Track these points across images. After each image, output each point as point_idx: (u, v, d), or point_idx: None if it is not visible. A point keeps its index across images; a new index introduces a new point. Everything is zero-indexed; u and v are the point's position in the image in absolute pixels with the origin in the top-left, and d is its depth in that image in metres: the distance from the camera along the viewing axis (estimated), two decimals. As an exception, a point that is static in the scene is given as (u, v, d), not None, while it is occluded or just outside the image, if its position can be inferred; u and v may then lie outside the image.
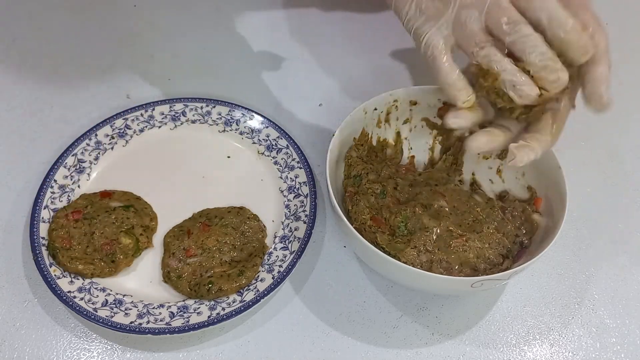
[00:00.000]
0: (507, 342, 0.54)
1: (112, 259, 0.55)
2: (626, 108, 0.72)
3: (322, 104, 0.70)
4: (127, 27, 0.77)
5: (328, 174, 0.54)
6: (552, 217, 0.54)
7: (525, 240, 0.55)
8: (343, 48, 0.76)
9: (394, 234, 0.54)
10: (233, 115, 0.66)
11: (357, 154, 0.60)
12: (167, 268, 0.55)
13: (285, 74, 0.73)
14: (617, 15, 0.82)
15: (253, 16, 0.79)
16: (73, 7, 0.78)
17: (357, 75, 0.73)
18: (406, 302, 0.56)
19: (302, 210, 0.59)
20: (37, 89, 0.70)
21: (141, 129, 0.65)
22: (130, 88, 0.70)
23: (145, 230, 0.58)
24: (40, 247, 0.55)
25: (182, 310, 0.53)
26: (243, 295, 0.54)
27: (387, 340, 0.54)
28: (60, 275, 0.54)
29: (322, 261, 0.58)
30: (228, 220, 0.58)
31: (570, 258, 0.60)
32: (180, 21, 0.78)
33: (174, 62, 0.74)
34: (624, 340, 0.55)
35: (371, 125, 0.61)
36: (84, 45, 0.75)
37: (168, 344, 0.53)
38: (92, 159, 0.62)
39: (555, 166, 0.55)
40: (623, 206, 0.63)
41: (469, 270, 0.52)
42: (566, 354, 0.54)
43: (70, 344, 0.53)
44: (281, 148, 0.64)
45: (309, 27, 0.78)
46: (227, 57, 0.74)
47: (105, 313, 0.52)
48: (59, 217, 0.57)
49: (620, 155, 0.68)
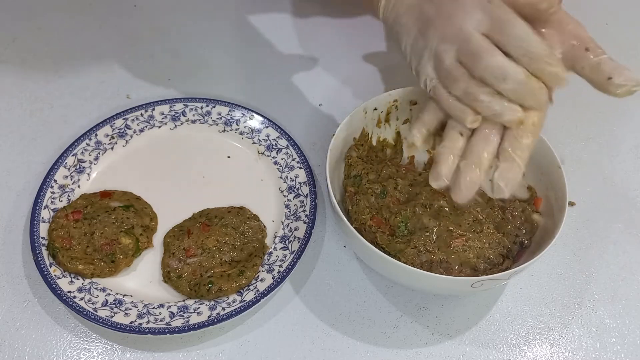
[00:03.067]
0: (507, 342, 0.54)
1: (112, 259, 0.55)
2: (626, 108, 0.72)
3: (322, 104, 0.70)
4: (127, 27, 0.77)
5: (328, 174, 0.54)
6: (552, 217, 0.54)
7: (525, 240, 0.55)
8: (343, 48, 0.75)
9: (394, 234, 0.54)
10: (233, 115, 0.66)
11: (357, 154, 0.60)
12: (167, 268, 0.55)
13: (286, 74, 0.73)
14: (617, 16, 0.82)
15: (253, 16, 0.79)
16: (73, 7, 0.78)
17: (357, 75, 0.73)
18: (406, 302, 0.56)
19: (302, 210, 0.59)
20: (37, 89, 0.70)
21: (141, 129, 0.65)
22: (130, 88, 0.70)
23: (145, 230, 0.58)
24: (40, 247, 0.55)
25: (182, 310, 0.53)
26: (243, 295, 0.54)
27: (387, 340, 0.54)
28: (60, 275, 0.54)
29: (322, 261, 0.58)
30: (228, 220, 0.58)
31: (570, 258, 0.60)
32: (180, 21, 0.78)
33: (174, 62, 0.74)
34: (624, 340, 0.55)
35: (371, 125, 0.61)
36: (84, 45, 0.75)
37: (168, 344, 0.53)
38: (92, 159, 0.62)
39: (555, 166, 0.55)
40: (623, 206, 0.63)
41: (469, 270, 0.52)
42: (566, 354, 0.54)
43: (70, 344, 0.53)
44: (281, 148, 0.64)
45: (309, 27, 0.78)
46: (227, 57, 0.75)
47: (105, 313, 0.52)
48: (59, 217, 0.57)
49: (620, 155, 0.68)
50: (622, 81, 0.46)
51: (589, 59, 0.47)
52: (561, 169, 0.54)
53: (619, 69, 0.46)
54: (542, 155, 0.56)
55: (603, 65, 0.47)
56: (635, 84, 0.46)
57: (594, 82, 0.47)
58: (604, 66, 0.47)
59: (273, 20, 0.79)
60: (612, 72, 0.46)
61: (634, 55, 0.77)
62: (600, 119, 0.71)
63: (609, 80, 0.46)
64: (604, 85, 0.47)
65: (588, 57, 0.47)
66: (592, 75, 0.47)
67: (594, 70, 0.47)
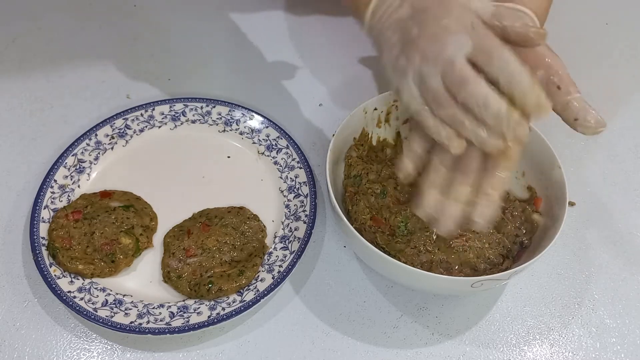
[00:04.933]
0: (507, 342, 0.54)
1: (112, 259, 0.55)
2: (626, 108, 0.72)
3: (322, 104, 0.70)
4: (127, 27, 0.77)
5: (328, 174, 0.54)
6: (552, 217, 0.54)
7: (525, 240, 0.55)
8: (343, 48, 0.75)
9: (394, 234, 0.54)
10: (233, 115, 0.66)
11: (357, 154, 0.60)
12: (167, 268, 0.55)
13: (286, 74, 0.73)
14: (617, 16, 0.82)
15: (253, 16, 0.79)
16: (73, 7, 0.78)
17: (357, 75, 0.73)
18: (406, 302, 0.56)
19: (302, 210, 0.59)
20: (37, 89, 0.70)
21: (141, 129, 0.65)
22: (130, 88, 0.70)
23: (145, 230, 0.58)
24: (40, 247, 0.55)
25: (182, 310, 0.53)
26: (243, 295, 0.54)
27: (387, 340, 0.54)
28: (60, 275, 0.54)
29: (322, 261, 0.58)
30: (228, 220, 0.58)
31: (570, 258, 0.60)
32: (180, 21, 0.78)
33: (174, 62, 0.74)
34: (624, 340, 0.55)
35: (371, 125, 0.61)
36: (84, 45, 0.75)
37: (168, 344, 0.53)
38: (92, 159, 0.62)
39: (555, 166, 0.55)
40: (623, 206, 0.63)
41: (469, 270, 0.52)
42: (566, 354, 0.54)
43: (70, 344, 0.53)
44: (281, 148, 0.64)
45: (310, 27, 0.78)
46: (227, 57, 0.75)
47: (105, 313, 0.52)
48: (59, 217, 0.57)
49: (620, 155, 0.68)
50: (587, 123, 0.47)
51: (559, 96, 0.48)
52: (561, 169, 0.54)
53: (585, 110, 0.47)
54: (542, 155, 0.56)
55: (571, 105, 0.48)
56: (600, 126, 0.47)
57: (563, 118, 0.49)
58: (572, 106, 0.47)
59: (273, 20, 0.79)
60: (578, 113, 0.47)
61: (634, 55, 0.78)
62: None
63: (576, 121, 0.48)
64: (571, 124, 0.48)
65: (559, 94, 0.48)
66: (561, 113, 0.48)
67: (563, 108, 0.48)
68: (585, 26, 0.48)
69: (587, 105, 0.48)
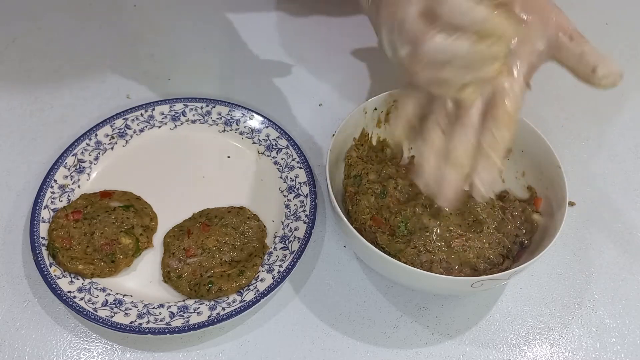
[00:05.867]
0: (507, 342, 0.54)
1: (112, 259, 0.55)
2: (626, 108, 0.72)
3: (322, 104, 0.70)
4: (127, 27, 0.77)
5: (328, 174, 0.54)
6: (552, 217, 0.54)
7: (525, 240, 0.55)
8: (343, 48, 0.75)
9: (394, 234, 0.54)
10: (233, 115, 0.66)
11: (357, 154, 0.60)
12: (167, 268, 0.55)
13: (286, 74, 0.73)
14: (617, 16, 0.82)
15: (253, 16, 0.79)
16: (73, 7, 0.78)
17: (357, 75, 0.73)
18: (406, 302, 0.56)
19: (302, 210, 0.59)
20: (37, 89, 0.70)
21: (141, 129, 0.65)
22: (130, 88, 0.70)
23: (145, 230, 0.58)
24: (40, 247, 0.55)
25: (182, 310, 0.53)
26: (243, 295, 0.54)
27: (387, 340, 0.54)
28: (60, 275, 0.54)
29: (322, 261, 0.58)
30: (228, 220, 0.58)
31: (570, 258, 0.60)
32: (180, 21, 0.78)
33: (174, 62, 0.74)
34: (624, 340, 0.55)
35: (371, 125, 0.61)
36: (84, 45, 0.75)
37: (168, 344, 0.53)
38: (92, 159, 0.62)
39: (555, 166, 0.55)
40: (623, 206, 0.63)
41: (469, 270, 0.52)
42: (566, 354, 0.54)
43: (70, 344, 0.53)
44: (281, 148, 0.64)
45: (309, 27, 0.78)
46: (227, 57, 0.75)
47: (105, 313, 0.52)
48: (59, 217, 0.57)
49: (620, 155, 0.68)
50: (607, 72, 0.44)
51: (572, 49, 0.46)
52: (561, 169, 0.54)
53: (603, 59, 0.45)
54: (542, 155, 0.56)
55: (587, 56, 0.45)
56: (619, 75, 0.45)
57: (578, 72, 0.46)
58: (589, 56, 0.45)
59: (274, 20, 0.79)
60: (596, 62, 0.45)
61: (634, 55, 0.78)
62: (601, 119, 0.71)
63: (593, 73, 0.45)
64: (588, 76, 0.45)
65: (572, 46, 0.46)
66: (575, 66, 0.46)
67: (578, 60, 0.45)
68: (585, 26, 0.48)
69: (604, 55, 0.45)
